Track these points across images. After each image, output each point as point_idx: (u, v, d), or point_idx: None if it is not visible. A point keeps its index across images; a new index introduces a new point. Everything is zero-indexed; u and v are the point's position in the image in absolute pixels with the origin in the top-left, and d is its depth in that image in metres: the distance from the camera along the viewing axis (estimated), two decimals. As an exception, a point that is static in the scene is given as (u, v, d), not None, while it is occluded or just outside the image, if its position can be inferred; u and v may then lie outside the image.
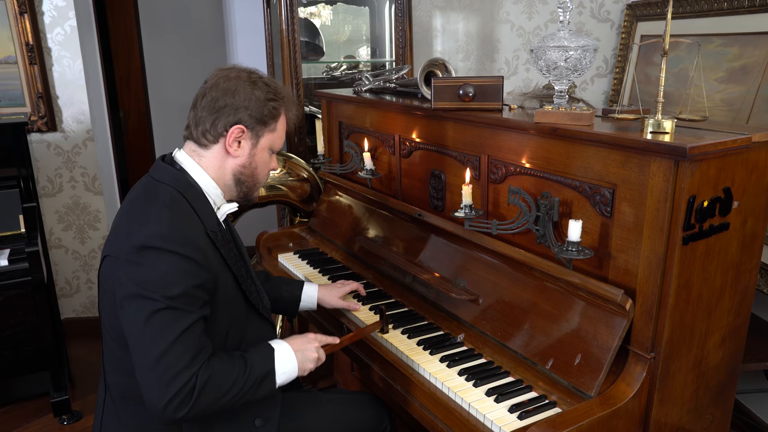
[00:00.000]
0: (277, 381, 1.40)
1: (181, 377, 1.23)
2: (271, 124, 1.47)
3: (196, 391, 1.24)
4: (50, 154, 3.18)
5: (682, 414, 1.49)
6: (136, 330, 1.26)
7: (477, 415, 1.39)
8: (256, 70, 1.50)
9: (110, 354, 1.42)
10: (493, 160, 1.73)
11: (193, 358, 1.25)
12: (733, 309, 1.51)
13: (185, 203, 1.38)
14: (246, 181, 1.50)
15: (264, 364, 1.39)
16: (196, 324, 1.28)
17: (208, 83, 1.45)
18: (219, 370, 1.29)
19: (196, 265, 1.29)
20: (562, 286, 1.50)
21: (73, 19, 3.04)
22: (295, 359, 1.44)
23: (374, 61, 3.46)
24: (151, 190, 1.40)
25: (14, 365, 2.85)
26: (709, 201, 1.32)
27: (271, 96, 1.46)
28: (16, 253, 2.52)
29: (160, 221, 1.30)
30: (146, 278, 1.25)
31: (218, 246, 1.40)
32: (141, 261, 1.27)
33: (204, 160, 1.45)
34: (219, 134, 1.43)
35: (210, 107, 1.42)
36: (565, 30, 1.52)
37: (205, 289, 1.32)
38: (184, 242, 1.29)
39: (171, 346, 1.23)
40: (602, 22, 3.24)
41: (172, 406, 1.22)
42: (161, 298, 1.24)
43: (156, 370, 1.23)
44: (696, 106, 2.22)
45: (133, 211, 1.38)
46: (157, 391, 1.23)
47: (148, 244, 1.27)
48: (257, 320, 1.56)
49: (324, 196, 2.53)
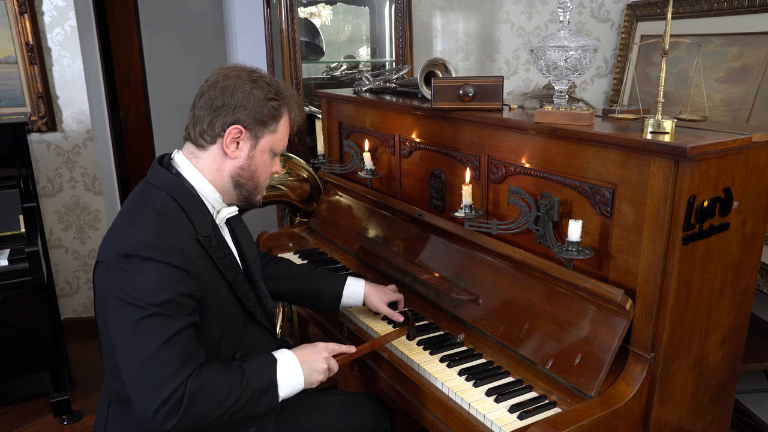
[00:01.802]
0: (279, 394, 1.35)
1: (169, 384, 1.18)
2: (271, 125, 1.42)
3: (186, 401, 1.19)
4: (50, 154, 3.18)
5: (682, 414, 1.49)
6: (123, 337, 1.23)
7: (477, 415, 1.39)
8: (258, 69, 1.45)
9: (107, 357, 1.39)
10: (493, 160, 1.73)
11: (182, 365, 1.21)
12: (733, 309, 1.51)
13: (177, 209, 1.34)
14: (245, 185, 1.45)
15: (264, 375, 1.33)
16: (184, 331, 1.24)
17: (208, 82, 1.41)
18: (211, 379, 1.24)
19: (182, 273, 1.26)
20: (562, 286, 1.50)
21: (73, 19, 3.04)
22: (301, 371, 1.39)
23: (374, 61, 3.46)
24: (144, 195, 1.37)
25: (14, 365, 2.84)
26: (709, 201, 1.32)
27: (272, 95, 1.40)
28: (16, 253, 2.52)
29: (147, 229, 1.27)
30: (132, 286, 1.23)
31: (210, 252, 1.36)
32: (127, 269, 1.24)
33: (201, 162, 1.41)
34: (216, 135, 1.38)
35: (208, 106, 1.38)
36: (565, 30, 1.52)
37: (193, 298, 1.28)
38: (170, 251, 1.25)
39: (157, 352, 1.19)
40: (602, 22, 3.24)
41: (160, 416, 1.18)
42: (147, 305, 1.21)
43: (142, 376, 1.19)
44: (696, 106, 2.22)
45: (125, 216, 1.36)
46: (145, 399, 1.19)
47: (132, 252, 1.24)
48: (254, 328, 1.50)
49: (324, 196, 2.53)
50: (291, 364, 1.38)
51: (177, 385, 1.19)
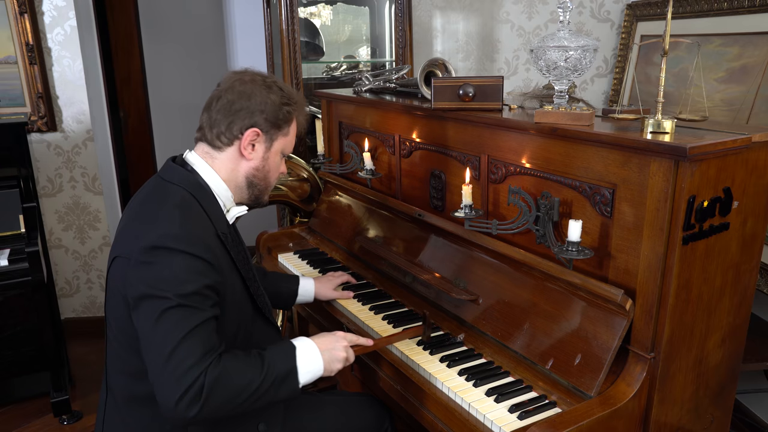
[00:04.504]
0: (300, 380, 1.36)
1: (191, 373, 1.21)
2: (284, 128, 1.49)
3: (206, 389, 1.21)
4: (50, 154, 3.18)
5: (682, 414, 1.49)
6: (147, 329, 1.25)
7: (477, 415, 1.39)
8: (269, 74, 1.52)
9: (115, 356, 1.41)
10: (493, 160, 1.73)
11: (203, 355, 1.23)
12: (733, 309, 1.51)
13: (196, 204, 1.38)
14: (258, 184, 1.51)
15: (285, 362, 1.35)
16: (207, 322, 1.27)
17: (222, 86, 1.46)
18: (232, 367, 1.26)
19: (207, 265, 1.29)
20: (562, 286, 1.50)
21: (73, 19, 3.04)
22: (321, 358, 1.41)
23: (374, 61, 3.46)
24: (161, 191, 1.40)
25: (14, 365, 2.85)
26: (709, 201, 1.32)
27: (286, 101, 1.47)
28: (16, 253, 2.52)
29: (172, 222, 1.30)
30: (158, 277, 1.25)
31: (228, 248, 1.41)
32: (152, 261, 1.26)
33: (217, 162, 1.46)
34: (234, 137, 1.44)
35: (226, 110, 1.43)
36: (565, 30, 1.52)
37: (215, 290, 1.31)
38: (195, 242, 1.29)
39: (181, 342, 1.22)
40: (602, 22, 3.24)
41: (183, 404, 1.20)
42: (173, 296, 1.23)
43: (167, 367, 1.21)
44: (696, 106, 2.22)
45: (143, 212, 1.38)
46: (169, 389, 1.21)
47: (159, 244, 1.27)
48: (263, 324, 1.55)
49: (324, 196, 2.53)
50: (310, 350, 1.41)
51: (198, 373, 1.21)
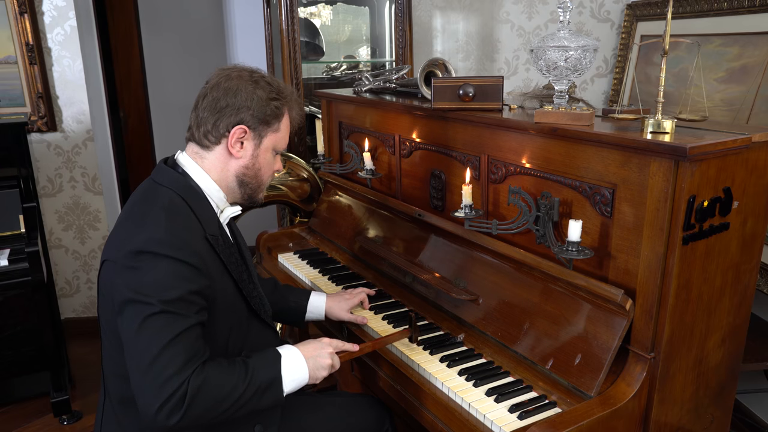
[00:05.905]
0: (284, 389, 1.35)
1: (173, 382, 1.19)
2: (274, 124, 1.45)
3: (188, 397, 1.19)
4: (50, 154, 3.18)
5: (682, 414, 1.49)
6: (131, 335, 1.23)
7: (477, 415, 1.39)
8: (258, 69, 1.47)
9: (109, 358, 1.40)
10: (493, 160, 1.73)
11: (186, 363, 1.21)
12: (733, 309, 1.51)
13: (185, 207, 1.36)
14: (250, 183, 1.47)
15: (269, 370, 1.34)
16: (191, 329, 1.24)
17: (210, 83, 1.43)
18: (215, 375, 1.24)
19: (193, 270, 1.27)
20: (562, 286, 1.50)
21: (73, 19, 3.04)
22: (305, 366, 1.39)
23: (374, 61, 3.46)
24: (150, 194, 1.38)
25: (14, 365, 2.85)
26: (709, 201, 1.32)
27: (274, 95, 1.43)
28: (16, 253, 2.52)
29: (158, 225, 1.28)
30: (142, 282, 1.23)
31: (218, 251, 1.38)
32: (137, 266, 1.24)
33: (206, 162, 1.43)
34: (221, 135, 1.41)
35: (211, 107, 1.40)
36: (565, 30, 1.52)
37: (203, 295, 1.29)
38: (181, 247, 1.26)
39: (163, 350, 1.20)
40: (602, 22, 3.24)
41: (163, 413, 1.18)
42: (157, 302, 1.21)
43: (148, 374, 1.20)
44: (696, 106, 2.22)
45: (132, 214, 1.37)
46: (149, 397, 1.19)
47: (144, 249, 1.25)
48: (259, 326, 1.52)
49: (324, 196, 2.53)
50: (295, 358, 1.39)
51: (180, 382, 1.19)
